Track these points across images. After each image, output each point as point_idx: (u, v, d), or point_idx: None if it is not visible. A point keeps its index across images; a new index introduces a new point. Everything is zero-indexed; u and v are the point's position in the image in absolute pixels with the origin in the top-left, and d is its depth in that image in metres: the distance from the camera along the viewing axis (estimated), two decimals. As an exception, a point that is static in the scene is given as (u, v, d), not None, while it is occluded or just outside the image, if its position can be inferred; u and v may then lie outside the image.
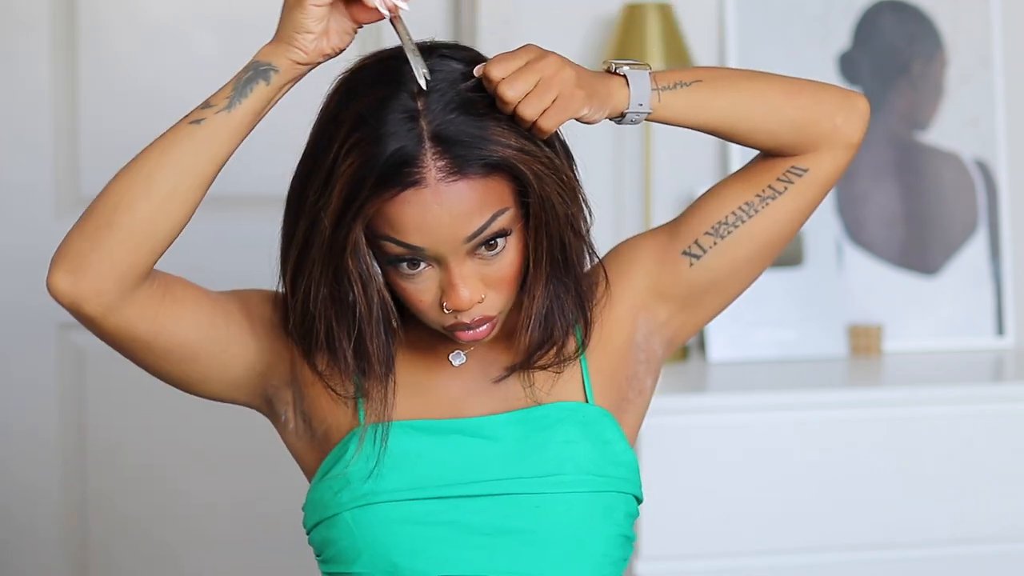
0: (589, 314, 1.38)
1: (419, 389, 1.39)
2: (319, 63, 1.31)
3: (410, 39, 1.27)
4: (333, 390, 1.37)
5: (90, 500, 2.65)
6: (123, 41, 2.63)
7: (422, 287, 1.30)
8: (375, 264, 1.32)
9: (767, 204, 1.41)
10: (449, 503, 1.35)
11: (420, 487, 1.35)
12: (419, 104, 1.26)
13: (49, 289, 1.28)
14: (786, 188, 1.41)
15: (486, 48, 1.37)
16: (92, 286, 1.27)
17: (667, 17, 2.50)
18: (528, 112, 1.26)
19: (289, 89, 1.32)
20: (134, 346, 1.34)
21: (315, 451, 1.42)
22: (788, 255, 2.57)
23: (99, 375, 2.65)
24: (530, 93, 1.26)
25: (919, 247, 2.68)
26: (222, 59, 2.65)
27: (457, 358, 1.39)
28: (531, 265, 1.33)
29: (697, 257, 1.42)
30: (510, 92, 1.25)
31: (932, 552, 2.27)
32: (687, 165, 2.62)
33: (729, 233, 1.41)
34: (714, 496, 2.21)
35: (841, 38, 2.68)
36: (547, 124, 1.27)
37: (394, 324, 1.33)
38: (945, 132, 2.70)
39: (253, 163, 2.63)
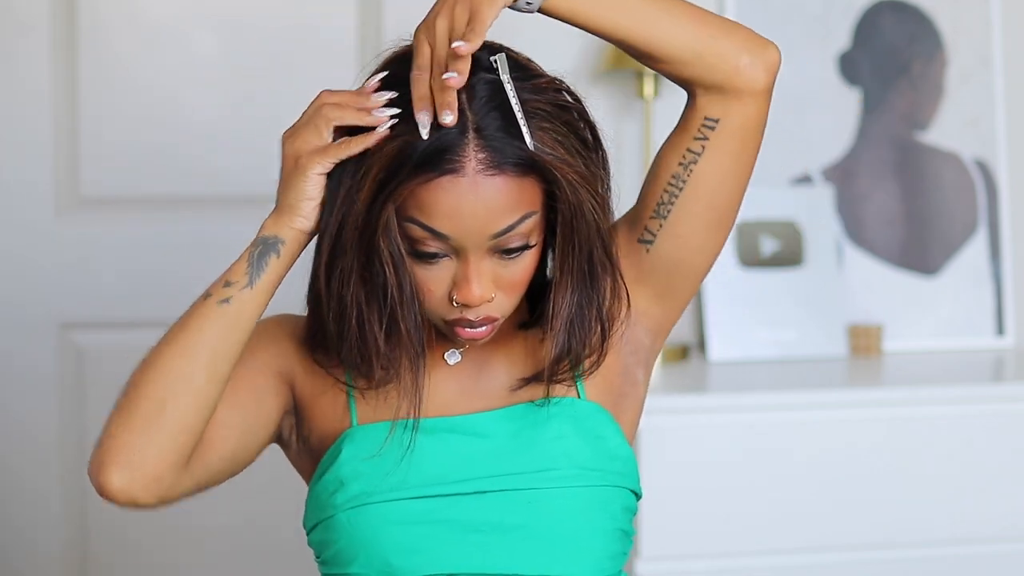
0: (608, 330, 1.37)
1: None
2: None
3: (519, 104, 1.27)
4: (337, 378, 1.38)
5: (90, 499, 2.65)
6: (123, 41, 2.63)
7: (435, 276, 1.30)
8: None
9: (691, 170, 1.38)
10: (444, 501, 1.35)
11: (414, 486, 1.35)
12: (464, 96, 1.26)
13: (102, 491, 1.28)
14: (703, 147, 1.37)
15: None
16: (148, 477, 1.28)
17: (667, 17, 2.50)
18: (454, 36, 1.25)
19: (299, 253, 1.33)
20: (202, 492, 1.36)
21: (314, 463, 1.43)
22: (788, 255, 2.57)
23: (99, 375, 2.65)
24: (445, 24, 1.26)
25: (919, 247, 2.68)
26: (222, 59, 2.65)
27: (452, 356, 1.39)
28: (558, 274, 1.33)
29: (650, 243, 1.41)
30: (424, 34, 1.26)
31: (932, 552, 2.27)
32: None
33: (669, 212, 1.39)
34: (714, 496, 2.21)
35: (841, 38, 2.68)
36: (473, 38, 1.25)
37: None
38: (945, 132, 2.70)
39: (254, 164, 2.63)
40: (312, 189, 1.29)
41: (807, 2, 2.66)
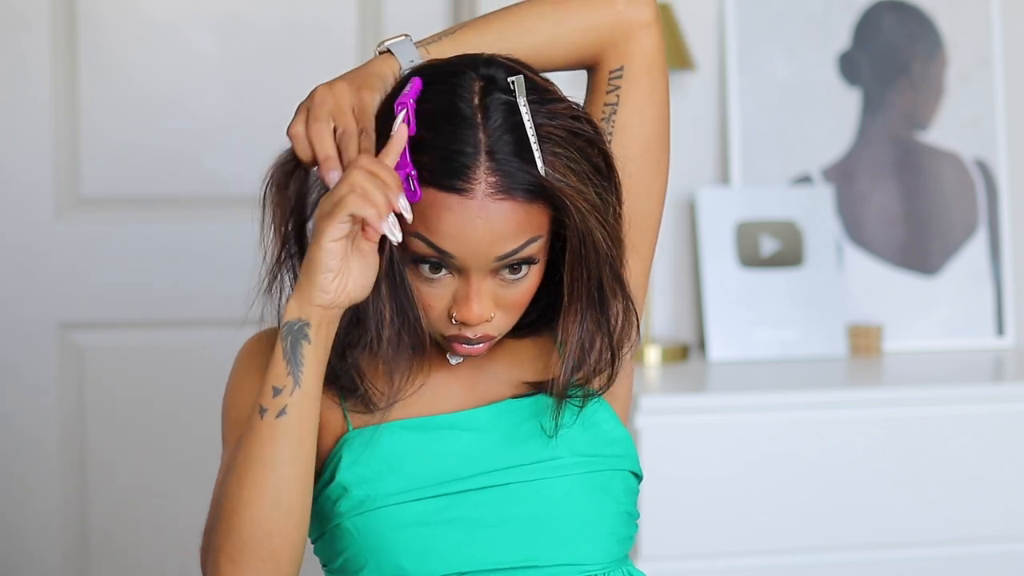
0: (619, 355, 1.37)
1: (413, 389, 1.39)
2: (347, 306, 1.27)
3: (533, 128, 1.27)
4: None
5: (90, 499, 2.65)
6: (123, 41, 2.63)
7: (437, 292, 1.30)
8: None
9: (614, 121, 1.40)
10: (449, 500, 1.34)
11: (418, 487, 1.34)
12: (479, 117, 1.26)
13: None
14: (618, 96, 1.39)
15: (486, 48, 1.37)
16: None
17: (667, 17, 2.50)
18: (323, 151, 1.26)
19: (333, 332, 1.28)
20: None
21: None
22: (788, 255, 2.57)
23: (99, 375, 2.65)
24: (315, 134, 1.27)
25: (919, 247, 2.68)
26: (222, 59, 2.65)
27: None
28: (567, 301, 1.32)
29: None
30: (302, 152, 1.28)
31: (932, 552, 2.27)
32: (687, 171, 2.62)
33: None
34: (714, 496, 2.21)
35: (841, 38, 2.68)
36: (350, 148, 1.26)
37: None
38: (945, 132, 2.70)
39: (254, 164, 2.63)
40: (327, 259, 1.24)
41: (807, 2, 2.66)
